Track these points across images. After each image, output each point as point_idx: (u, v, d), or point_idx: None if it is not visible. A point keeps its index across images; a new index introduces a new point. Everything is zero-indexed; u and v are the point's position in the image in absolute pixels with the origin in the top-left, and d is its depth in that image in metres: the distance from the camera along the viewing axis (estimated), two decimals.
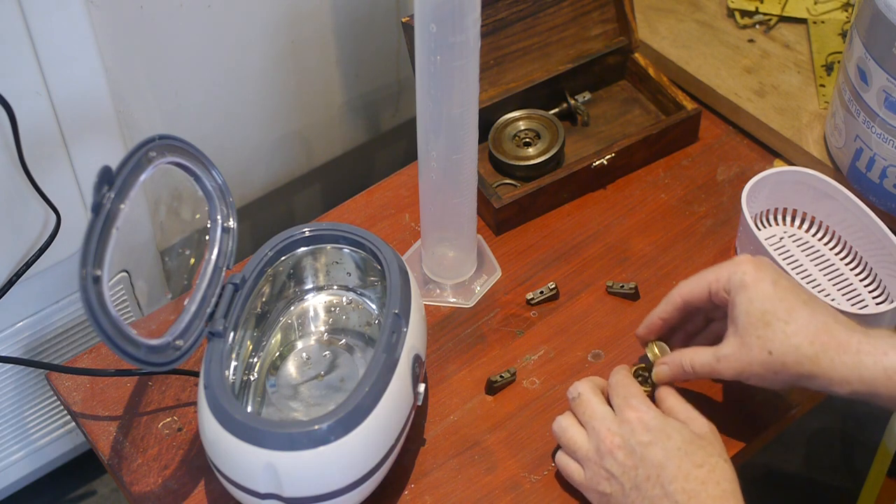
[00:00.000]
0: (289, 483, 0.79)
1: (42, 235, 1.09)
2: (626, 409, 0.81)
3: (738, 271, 0.82)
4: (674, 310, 0.87)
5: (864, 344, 0.78)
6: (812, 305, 0.81)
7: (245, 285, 0.88)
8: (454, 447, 0.92)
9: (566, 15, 1.14)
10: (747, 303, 0.81)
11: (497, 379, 0.95)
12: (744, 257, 0.84)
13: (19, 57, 0.98)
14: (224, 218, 0.90)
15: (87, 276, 0.73)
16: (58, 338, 1.22)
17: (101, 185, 0.75)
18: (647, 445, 0.79)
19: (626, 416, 0.81)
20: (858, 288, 1.00)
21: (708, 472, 0.78)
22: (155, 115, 1.21)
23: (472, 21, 0.82)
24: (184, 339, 0.83)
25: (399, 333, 0.85)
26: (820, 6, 1.23)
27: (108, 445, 0.93)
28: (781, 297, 0.81)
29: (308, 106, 1.36)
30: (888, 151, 0.99)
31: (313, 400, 0.89)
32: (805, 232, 1.05)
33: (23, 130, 0.98)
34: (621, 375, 0.85)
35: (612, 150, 1.09)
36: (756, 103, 1.14)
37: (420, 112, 0.89)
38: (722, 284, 0.83)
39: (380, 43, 1.37)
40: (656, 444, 0.79)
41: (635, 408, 0.81)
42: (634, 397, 0.82)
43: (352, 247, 0.93)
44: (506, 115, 1.14)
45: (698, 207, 1.09)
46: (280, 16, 1.24)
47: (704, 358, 0.83)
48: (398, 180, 1.13)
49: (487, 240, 1.06)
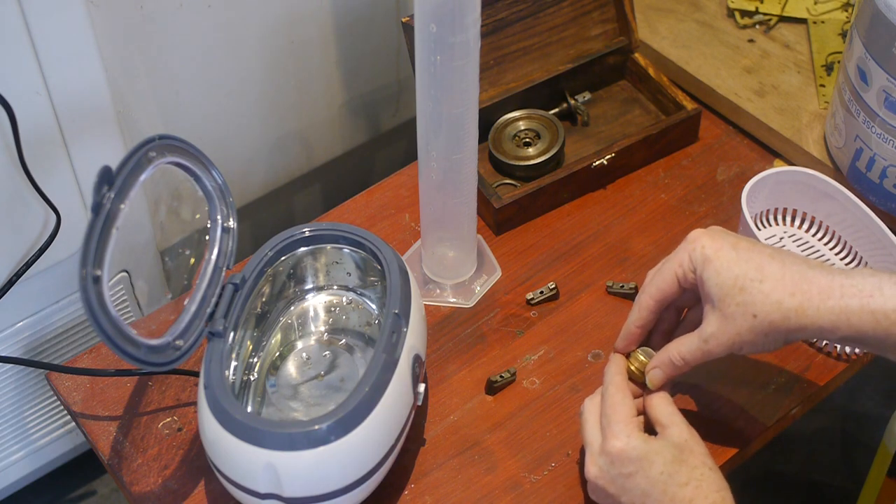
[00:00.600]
0: (289, 483, 0.79)
1: (42, 235, 1.09)
2: (610, 437, 0.80)
3: (697, 247, 0.80)
4: (648, 314, 0.85)
5: (846, 287, 0.76)
6: (779, 258, 0.79)
7: (245, 285, 0.88)
8: (454, 447, 0.92)
9: (566, 15, 1.14)
10: (715, 275, 0.79)
11: (497, 379, 0.95)
12: (696, 233, 0.81)
13: (19, 57, 0.98)
14: (224, 218, 0.90)
15: (87, 276, 0.73)
16: (58, 338, 1.22)
17: (101, 185, 0.75)
18: (628, 477, 0.78)
19: (608, 447, 0.79)
20: None
21: (694, 489, 0.77)
22: (155, 115, 1.21)
23: (472, 21, 0.82)
24: (184, 339, 0.83)
25: (399, 333, 0.85)
26: (820, 6, 1.24)
27: (108, 445, 0.93)
28: (747, 259, 0.79)
29: (308, 106, 1.36)
30: (888, 151, 0.99)
31: (313, 400, 0.89)
32: (805, 232, 1.05)
33: (23, 130, 0.98)
34: (612, 389, 0.82)
35: (612, 150, 1.09)
36: (756, 103, 1.14)
37: (420, 112, 0.89)
38: (686, 266, 0.81)
39: (380, 43, 1.37)
40: (638, 473, 0.78)
41: (617, 435, 0.79)
42: (618, 423, 0.80)
43: (352, 247, 0.93)
44: (506, 115, 1.14)
45: (698, 207, 1.09)
46: (280, 16, 1.24)
47: (691, 344, 0.81)
48: (398, 180, 1.13)
49: (487, 240, 1.06)
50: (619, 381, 0.83)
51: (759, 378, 0.95)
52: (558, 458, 0.90)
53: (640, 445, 0.78)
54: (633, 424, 0.80)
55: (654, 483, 0.77)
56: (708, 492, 0.77)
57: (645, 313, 0.85)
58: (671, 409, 0.82)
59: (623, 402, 0.81)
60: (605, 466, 0.79)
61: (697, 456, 0.79)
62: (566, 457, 0.91)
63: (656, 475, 0.77)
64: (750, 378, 0.95)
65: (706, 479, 0.78)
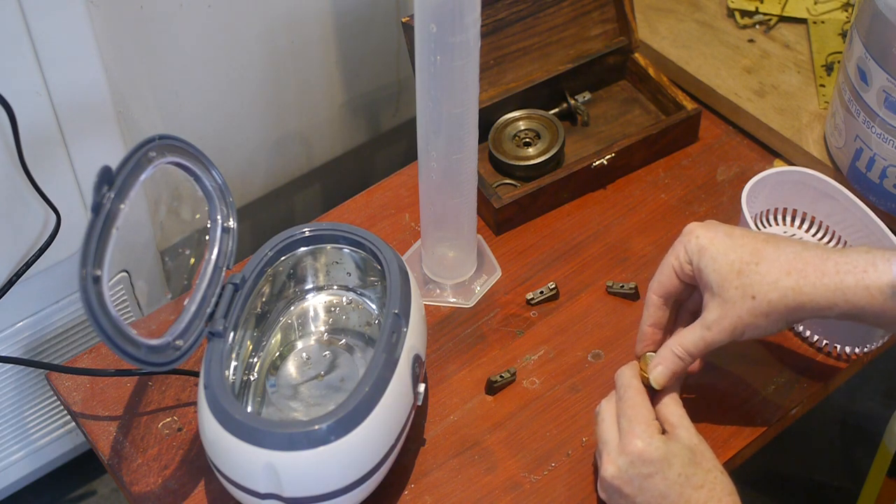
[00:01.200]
0: (289, 483, 0.79)
1: (42, 235, 1.09)
2: (630, 436, 0.80)
3: (692, 239, 0.82)
4: (657, 310, 0.86)
5: (841, 264, 0.77)
6: (774, 241, 0.80)
7: (245, 285, 0.88)
8: (454, 447, 0.92)
9: (566, 15, 1.14)
10: (712, 262, 0.80)
11: (497, 379, 0.95)
12: (691, 225, 0.83)
13: (19, 57, 0.98)
14: (224, 218, 0.90)
15: (87, 276, 0.73)
16: (58, 338, 1.22)
17: (101, 185, 0.75)
18: (647, 477, 0.78)
19: (628, 446, 0.79)
20: None
21: (708, 492, 0.77)
22: (155, 115, 1.21)
23: (472, 21, 0.82)
24: (184, 339, 0.83)
25: (399, 333, 0.85)
26: (820, 6, 1.23)
27: (108, 445, 0.93)
28: (742, 244, 0.80)
29: (308, 106, 1.36)
30: (888, 151, 0.99)
31: (313, 400, 0.89)
32: (805, 232, 1.05)
33: (23, 130, 0.98)
34: (632, 392, 0.82)
35: (612, 150, 1.09)
36: (756, 103, 1.14)
37: (420, 112, 0.89)
38: (683, 259, 0.82)
39: (380, 43, 1.37)
40: (657, 474, 0.78)
41: (639, 436, 0.79)
42: (639, 423, 0.80)
43: (352, 247, 0.93)
44: (506, 115, 1.14)
45: (698, 207, 1.09)
46: (280, 16, 1.24)
47: (693, 335, 0.82)
48: (398, 180, 1.13)
49: (487, 240, 1.06)
50: (637, 384, 0.83)
51: (759, 378, 0.95)
52: (558, 458, 0.90)
53: (661, 446, 0.79)
54: (653, 426, 0.80)
55: (671, 485, 0.78)
56: (721, 495, 0.78)
57: (653, 310, 0.86)
58: (681, 410, 0.82)
59: (643, 404, 0.81)
60: (625, 466, 0.79)
61: (709, 459, 0.79)
62: (566, 457, 0.91)
63: (674, 477, 0.78)
64: (750, 378, 0.95)
65: (719, 483, 0.78)
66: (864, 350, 0.96)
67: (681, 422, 0.82)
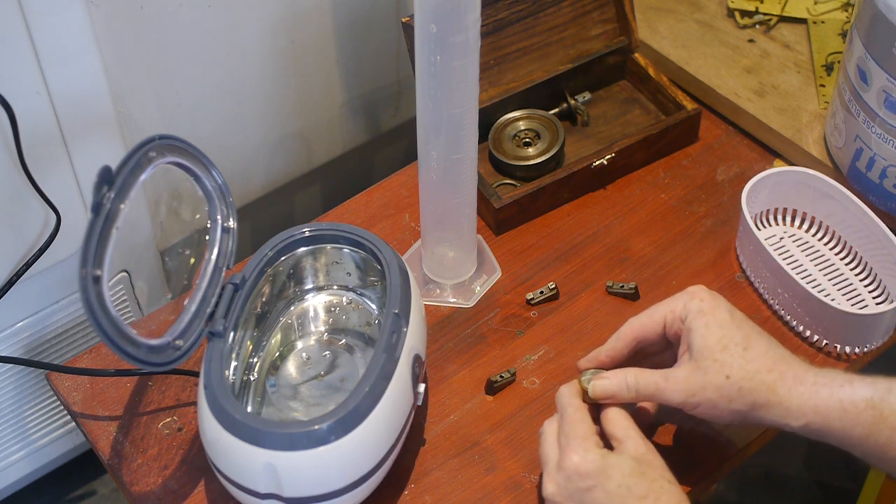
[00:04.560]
0: (289, 483, 0.79)
1: (42, 235, 1.09)
2: (568, 451, 0.78)
3: (695, 299, 0.82)
4: (624, 347, 0.85)
5: (819, 377, 0.79)
6: (768, 338, 0.81)
7: (245, 285, 0.88)
8: (454, 447, 0.92)
9: (566, 15, 1.14)
10: (704, 328, 0.80)
11: (497, 379, 0.95)
12: (698, 287, 0.83)
13: (19, 57, 0.98)
14: (224, 218, 0.90)
15: (87, 276, 0.73)
16: (58, 338, 1.22)
17: (101, 185, 0.75)
18: (586, 491, 0.77)
19: (564, 462, 0.78)
20: (858, 288, 1.00)
21: (653, 501, 0.76)
22: (155, 115, 1.21)
23: (472, 21, 0.82)
24: (184, 339, 0.83)
25: (399, 333, 0.85)
26: (820, 6, 1.24)
27: (108, 445, 0.93)
28: (738, 326, 0.81)
29: (308, 106, 1.36)
30: (888, 151, 0.99)
31: (313, 400, 0.89)
32: (805, 232, 1.05)
33: (23, 130, 0.98)
34: (571, 410, 0.81)
35: (612, 150, 1.09)
36: (756, 103, 1.14)
37: (420, 112, 0.89)
38: (678, 314, 0.82)
39: (380, 43, 1.37)
40: (595, 487, 0.77)
41: (575, 450, 0.78)
42: (575, 438, 0.79)
43: (352, 247, 0.93)
44: (506, 115, 1.14)
45: (698, 207, 1.09)
46: (280, 16, 1.24)
47: (650, 377, 0.81)
48: (398, 180, 1.13)
49: (487, 240, 1.06)
50: (576, 402, 0.82)
51: None
52: None
53: (596, 459, 0.77)
54: (590, 440, 0.79)
55: (612, 496, 0.76)
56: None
57: (620, 345, 0.85)
58: (627, 422, 0.81)
59: (582, 420, 0.80)
60: (563, 482, 0.78)
61: (656, 469, 0.78)
62: None
63: (614, 488, 0.76)
64: None
65: (665, 492, 0.77)
66: (864, 350, 0.96)
67: (626, 433, 0.80)
